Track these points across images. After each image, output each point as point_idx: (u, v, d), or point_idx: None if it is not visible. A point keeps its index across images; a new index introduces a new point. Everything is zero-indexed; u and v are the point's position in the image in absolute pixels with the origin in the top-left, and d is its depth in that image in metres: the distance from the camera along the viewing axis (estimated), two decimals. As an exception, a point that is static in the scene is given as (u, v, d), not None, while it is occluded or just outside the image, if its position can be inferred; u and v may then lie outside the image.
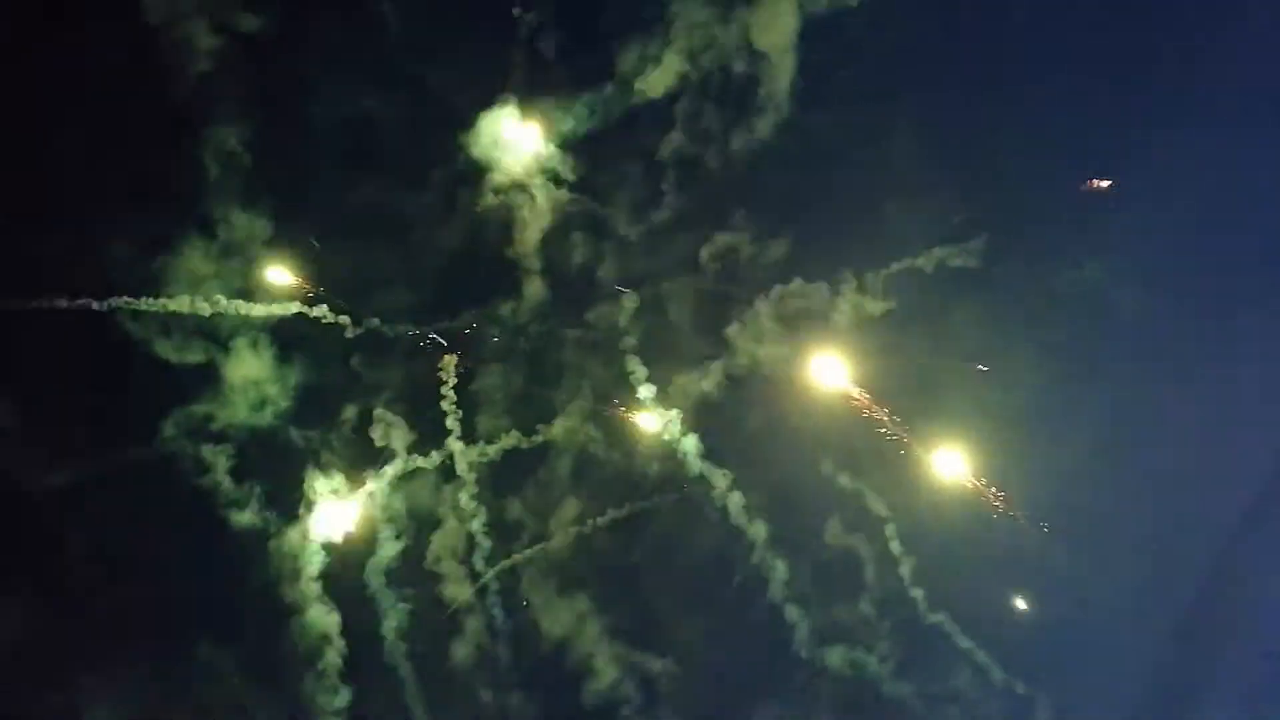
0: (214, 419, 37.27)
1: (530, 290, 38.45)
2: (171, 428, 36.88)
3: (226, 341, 37.17)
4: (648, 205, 38.08)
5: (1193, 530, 37.46)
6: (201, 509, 36.98)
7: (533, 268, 38.34)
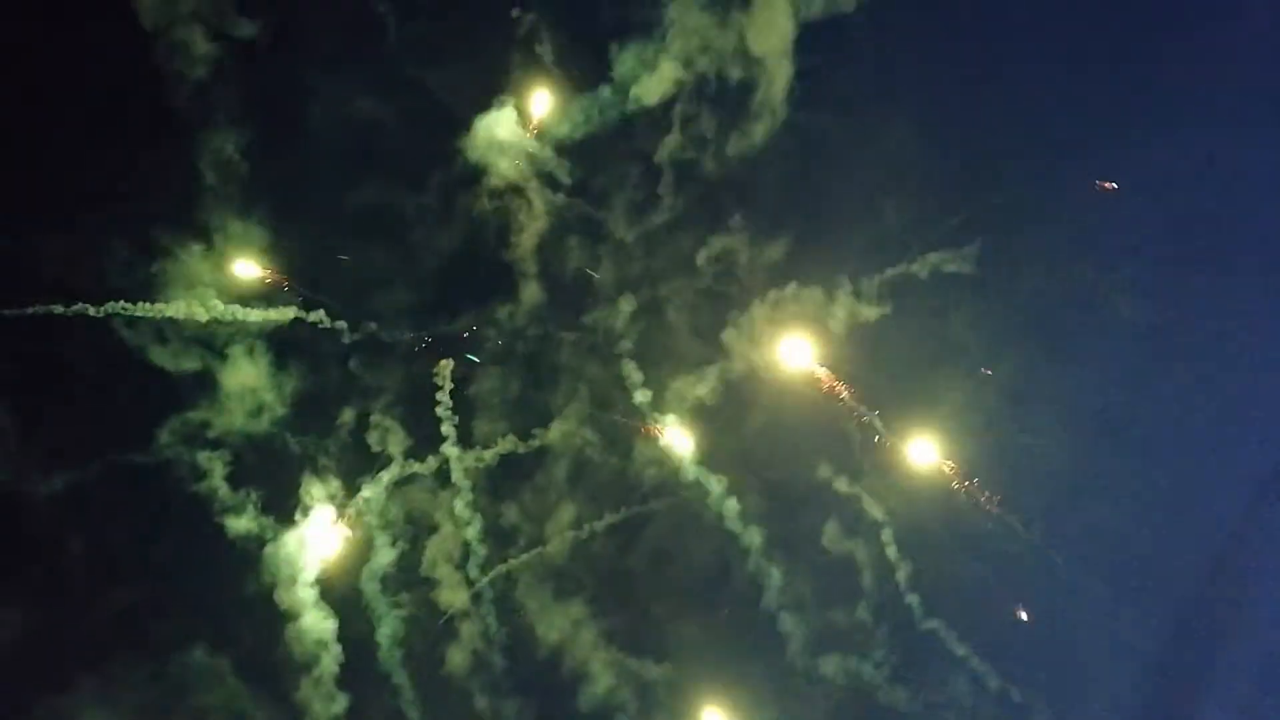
0: (211, 425, 37.23)
1: (527, 294, 38.60)
2: (168, 435, 36.86)
3: (223, 349, 37.15)
4: (644, 209, 38.25)
5: (1192, 532, 37.61)
6: (198, 515, 36.94)
7: (529, 271, 38.51)
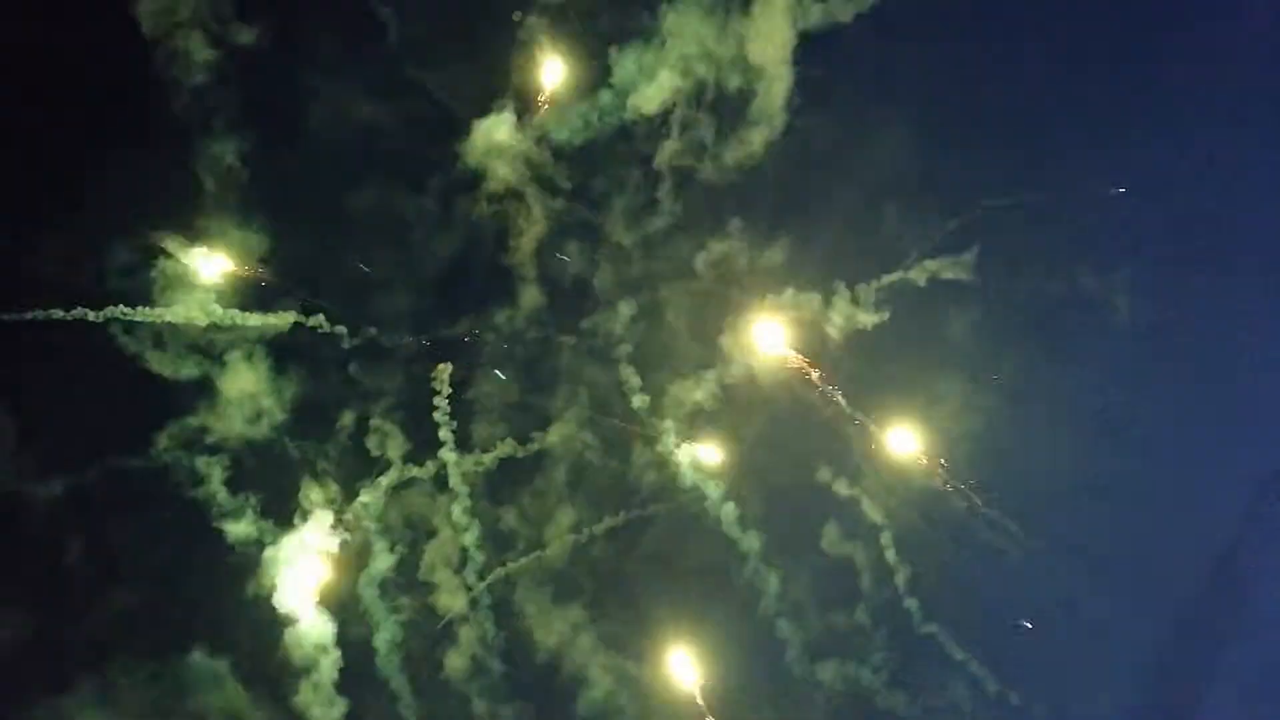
0: (209, 431, 37.25)
1: (525, 298, 38.67)
2: (167, 439, 36.91)
3: (221, 355, 37.17)
4: (643, 213, 38.41)
5: (1192, 533, 37.77)
6: (197, 519, 36.99)
7: (528, 275, 38.61)
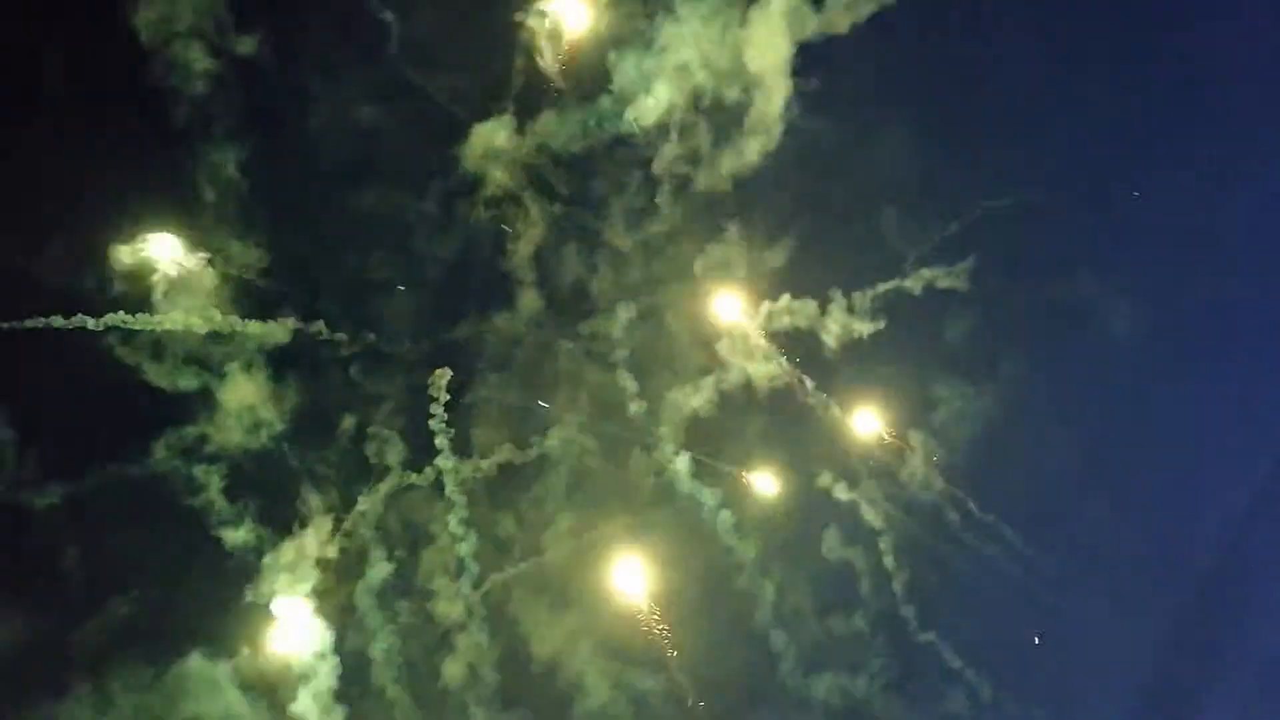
0: (208, 440, 37.15)
1: (524, 302, 38.76)
2: (164, 449, 36.79)
3: (220, 366, 37.11)
4: (641, 218, 38.61)
5: (1189, 540, 38.04)
6: (196, 526, 36.96)
7: (526, 280, 38.69)
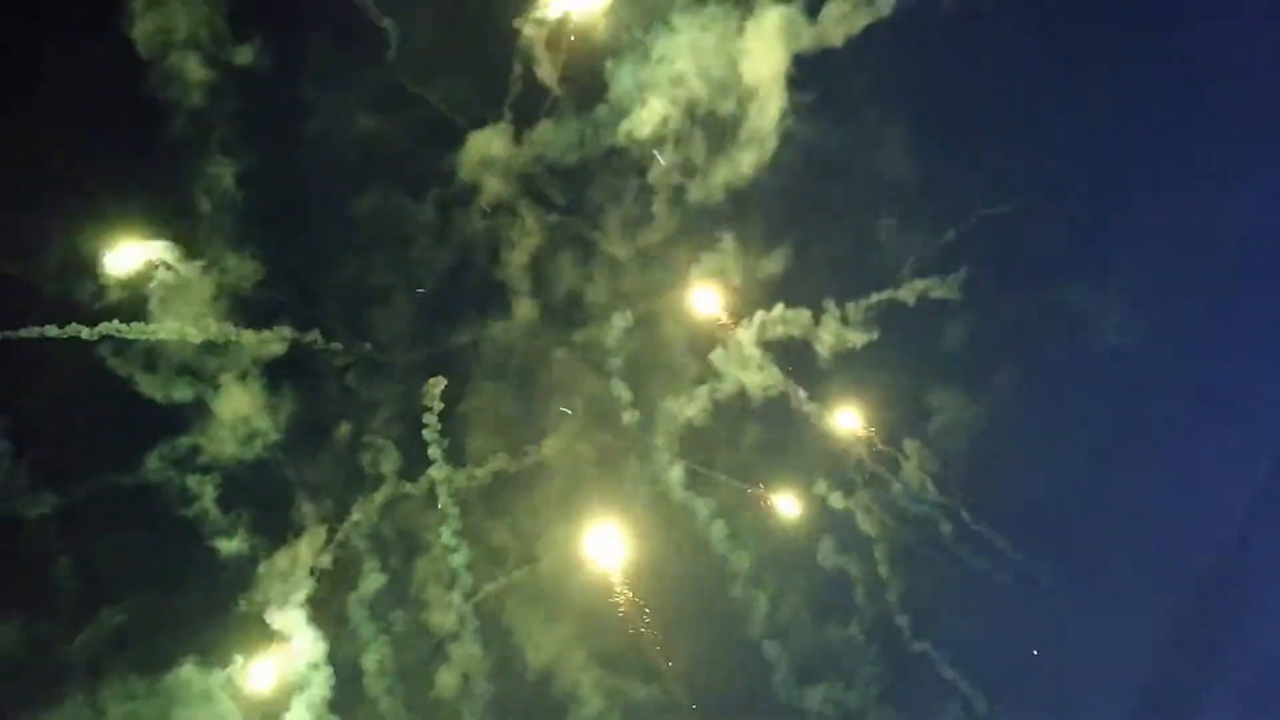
0: (202, 451, 37.17)
1: (520, 311, 38.80)
2: (158, 460, 36.81)
3: (214, 377, 37.15)
4: (637, 227, 38.74)
5: (1188, 540, 38.16)
6: (189, 536, 36.96)
7: (521, 289, 38.78)
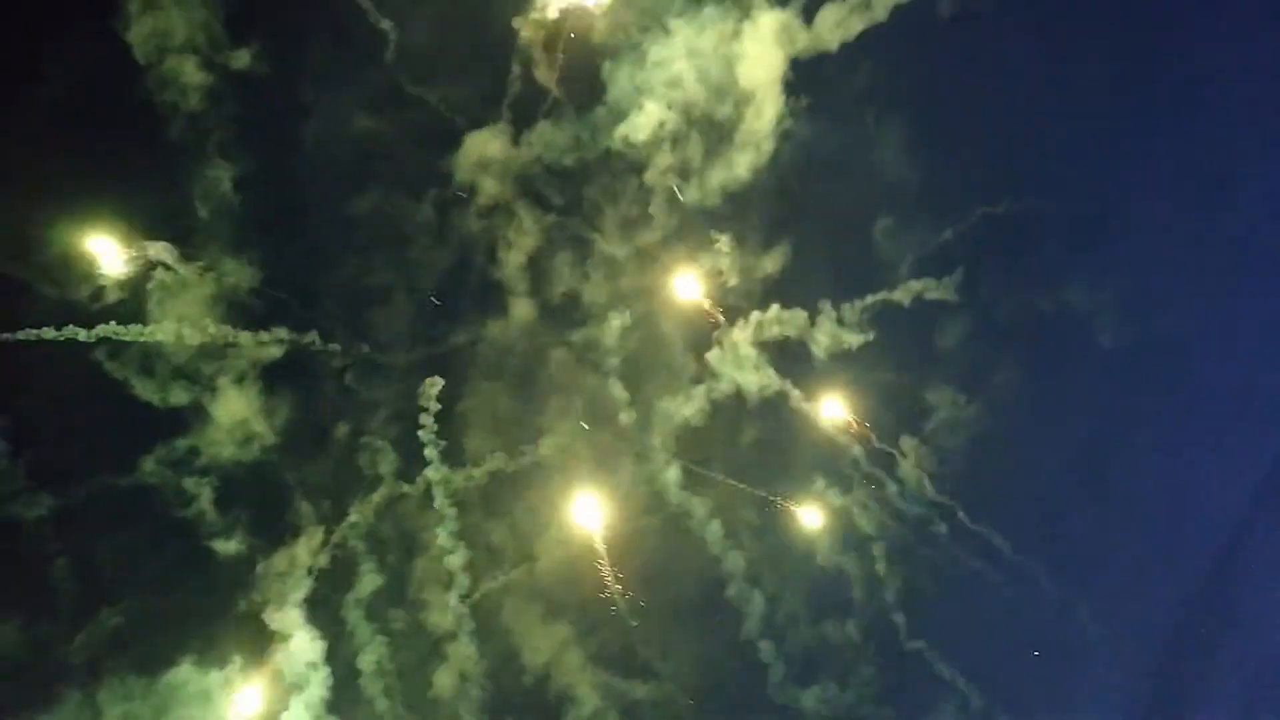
0: (199, 454, 37.27)
1: (517, 311, 38.75)
2: (154, 463, 36.90)
3: (212, 380, 37.24)
4: (634, 227, 38.80)
5: (1187, 539, 38.39)
6: (187, 536, 37.08)
7: (518, 289, 38.76)
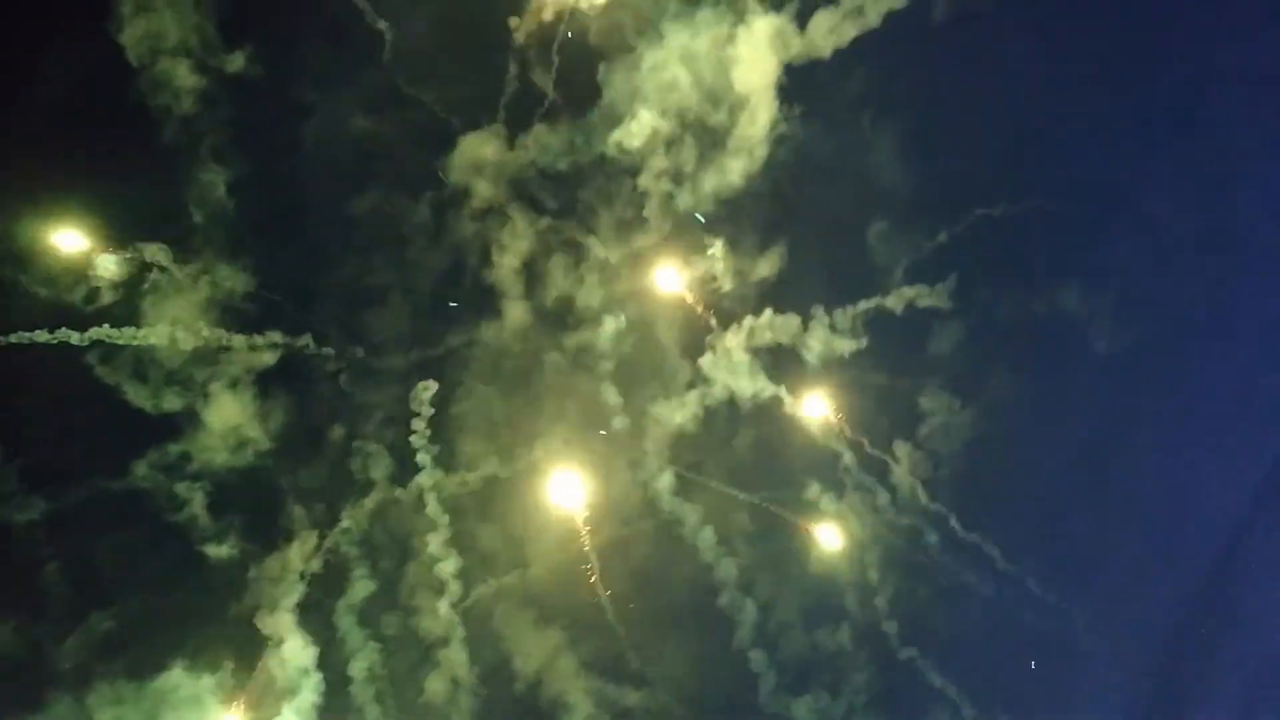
0: (191, 459, 37.20)
1: (511, 314, 38.78)
2: (146, 467, 36.87)
3: (205, 385, 37.18)
4: (628, 231, 38.88)
5: (1186, 540, 38.55)
6: (179, 541, 37.01)
7: (512, 292, 38.76)
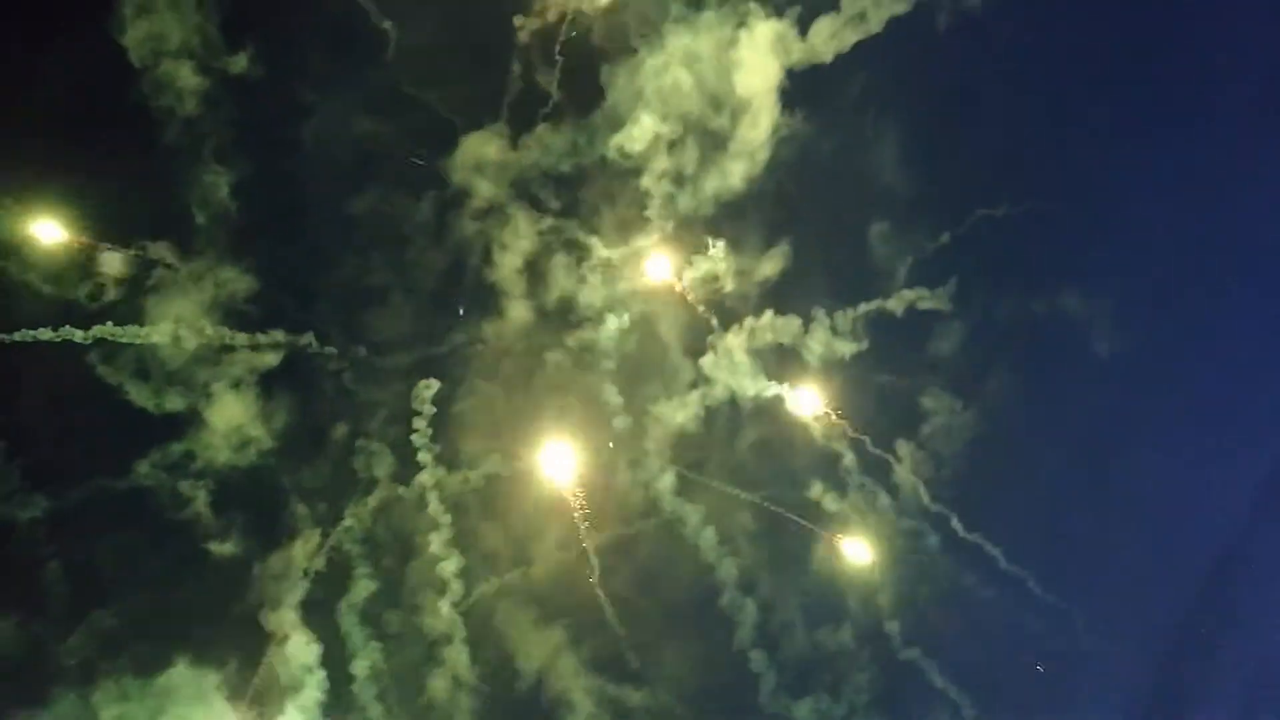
0: (195, 458, 37.35)
1: (514, 313, 38.90)
2: (149, 466, 37.00)
3: (208, 385, 37.33)
4: (628, 231, 39.03)
5: (1186, 540, 38.66)
6: (183, 539, 37.15)
7: (514, 292, 38.85)
